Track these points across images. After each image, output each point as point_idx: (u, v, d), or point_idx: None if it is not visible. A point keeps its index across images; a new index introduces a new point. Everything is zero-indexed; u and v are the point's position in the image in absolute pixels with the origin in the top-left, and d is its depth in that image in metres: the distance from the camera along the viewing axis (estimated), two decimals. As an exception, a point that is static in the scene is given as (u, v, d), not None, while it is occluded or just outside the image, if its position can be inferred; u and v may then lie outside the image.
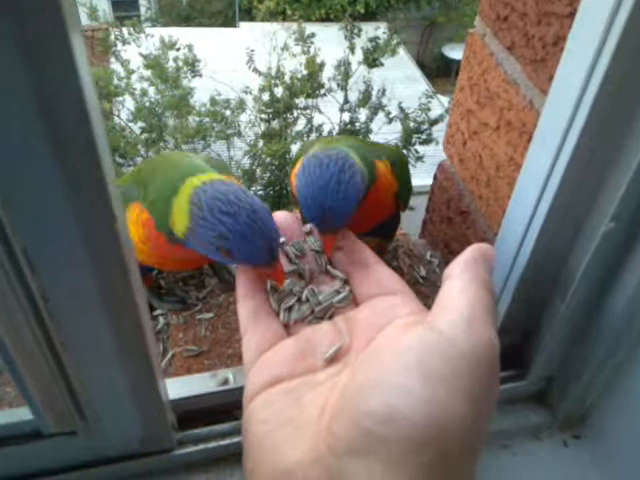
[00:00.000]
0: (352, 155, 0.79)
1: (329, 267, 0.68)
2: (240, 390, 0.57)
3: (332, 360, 0.57)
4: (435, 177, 1.19)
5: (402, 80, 8.16)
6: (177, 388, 0.84)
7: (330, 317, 0.64)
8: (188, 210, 0.74)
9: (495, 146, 0.95)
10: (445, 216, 1.15)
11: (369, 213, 0.89)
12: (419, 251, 1.20)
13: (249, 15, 10.21)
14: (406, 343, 0.47)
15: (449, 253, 1.16)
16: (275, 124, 6.56)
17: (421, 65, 10.30)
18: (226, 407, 0.83)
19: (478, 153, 1.01)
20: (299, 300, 0.66)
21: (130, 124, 6.66)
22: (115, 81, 6.64)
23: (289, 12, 9.72)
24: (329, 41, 6.99)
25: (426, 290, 1.10)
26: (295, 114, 6.53)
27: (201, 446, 0.77)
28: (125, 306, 0.55)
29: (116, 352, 0.60)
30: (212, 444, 0.78)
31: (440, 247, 1.20)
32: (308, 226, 0.72)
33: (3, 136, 0.40)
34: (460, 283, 0.51)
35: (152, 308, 1.09)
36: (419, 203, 1.47)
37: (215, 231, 0.71)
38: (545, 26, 0.80)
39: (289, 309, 0.65)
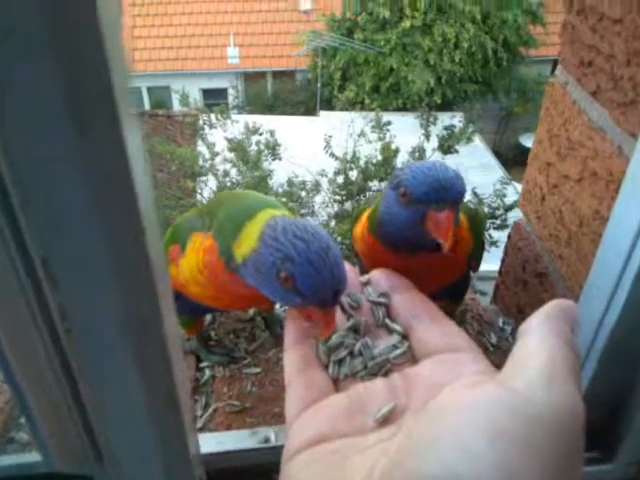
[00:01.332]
0: None
1: (387, 320, 0.62)
2: (281, 449, 0.51)
3: (385, 421, 0.50)
4: (509, 237, 1.10)
5: (477, 168, 8.13)
6: (213, 444, 0.77)
7: (385, 374, 0.57)
8: (260, 232, 0.69)
9: (578, 199, 0.87)
10: (520, 279, 1.05)
11: (440, 270, 0.81)
12: (489, 317, 1.10)
13: (329, 105, 10.76)
14: (472, 400, 0.40)
15: (523, 320, 1.04)
16: (348, 205, 6.66)
17: (497, 154, 10.30)
18: (264, 468, 0.75)
19: (558, 208, 0.92)
20: (351, 353, 0.60)
21: (211, 203, 6.95)
22: (200, 162, 7.04)
23: (367, 101, 10.17)
24: (405, 130, 7.15)
25: (496, 359, 0.98)
26: (368, 196, 6.62)
27: (232, 510, 0.69)
28: (152, 337, 0.50)
29: (139, 393, 0.54)
30: (244, 508, 0.70)
31: (513, 313, 1.09)
32: (366, 277, 0.66)
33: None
34: (539, 338, 0.43)
35: (199, 359, 1.04)
36: (491, 288, 1.38)
37: (282, 252, 0.64)
38: (635, 66, 0.74)
39: (339, 362, 0.60)
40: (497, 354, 1.02)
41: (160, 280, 0.46)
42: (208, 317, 1.12)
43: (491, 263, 1.41)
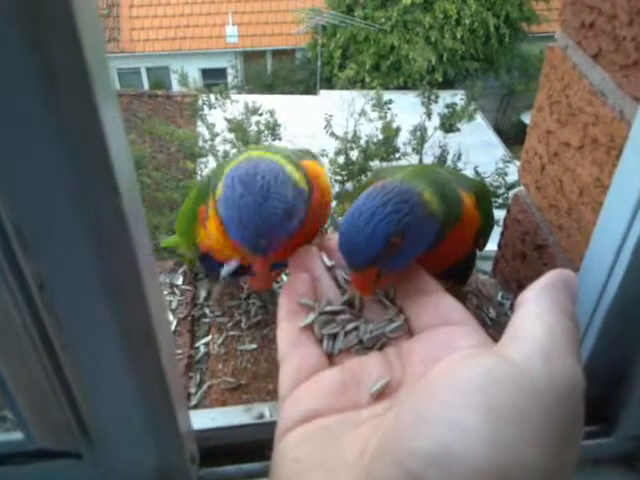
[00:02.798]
0: (424, 193, 0.65)
1: (383, 294, 0.61)
2: (275, 425, 0.50)
3: (379, 396, 0.49)
4: (508, 210, 1.08)
5: (478, 145, 8.04)
6: (206, 420, 0.76)
7: (380, 348, 0.56)
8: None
9: (578, 167, 0.84)
10: (519, 252, 1.03)
11: (447, 252, 0.78)
12: (488, 291, 1.08)
13: (329, 84, 10.63)
14: (466, 373, 0.38)
15: (523, 294, 1.02)
16: (349, 186, 6.63)
17: (499, 132, 10.20)
18: (258, 444, 0.74)
19: (558, 178, 0.90)
20: (346, 327, 0.59)
21: (210, 183, 6.93)
22: (200, 143, 7.00)
23: (368, 80, 10.04)
24: (406, 108, 7.08)
25: (495, 334, 0.97)
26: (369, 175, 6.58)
27: (224, 486, 0.68)
28: (133, 303, 0.49)
29: (124, 366, 0.53)
30: (237, 485, 0.69)
31: (513, 287, 1.07)
32: None
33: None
34: (537, 309, 0.42)
35: (194, 337, 1.03)
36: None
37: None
38: (638, 25, 0.71)
39: (334, 337, 0.59)
40: (496, 328, 1.00)
41: (140, 248, 0.44)
42: (203, 293, 1.11)
43: (492, 242, 1.38)
